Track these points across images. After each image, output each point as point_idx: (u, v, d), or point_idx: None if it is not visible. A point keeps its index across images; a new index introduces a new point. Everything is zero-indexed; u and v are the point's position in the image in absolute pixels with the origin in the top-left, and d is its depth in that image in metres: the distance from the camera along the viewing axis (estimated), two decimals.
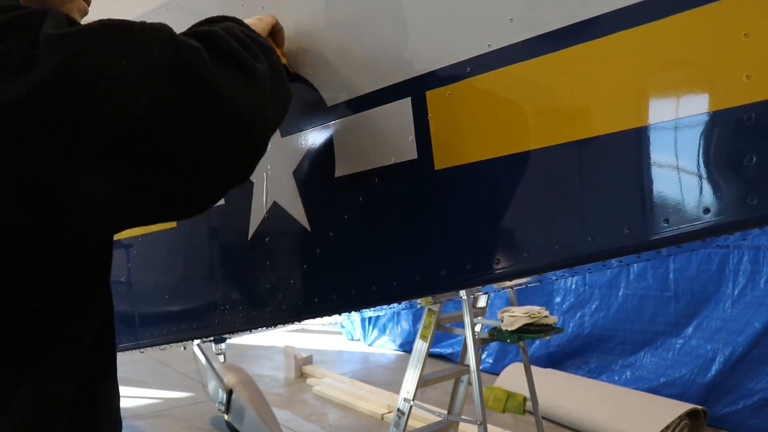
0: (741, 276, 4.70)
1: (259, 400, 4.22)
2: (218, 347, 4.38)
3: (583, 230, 1.05)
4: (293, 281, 1.51)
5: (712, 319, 4.85)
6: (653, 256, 2.66)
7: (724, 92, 0.90)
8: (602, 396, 4.71)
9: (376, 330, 7.97)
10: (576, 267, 1.65)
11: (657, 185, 0.97)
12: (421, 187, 1.25)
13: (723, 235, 1.50)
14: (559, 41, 1.05)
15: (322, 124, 1.40)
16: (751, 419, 4.48)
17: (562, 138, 1.06)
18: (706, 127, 0.92)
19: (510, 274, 1.17)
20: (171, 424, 5.05)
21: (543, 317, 3.29)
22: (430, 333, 3.34)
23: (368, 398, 5.48)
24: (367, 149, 1.33)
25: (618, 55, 0.99)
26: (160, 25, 0.83)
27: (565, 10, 1.04)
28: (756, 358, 4.53)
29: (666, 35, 0.94)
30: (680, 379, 4.90)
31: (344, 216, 1.38)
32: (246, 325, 1.65)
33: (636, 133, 0.98)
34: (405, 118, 1.26)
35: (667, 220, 0.96)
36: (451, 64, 1.19)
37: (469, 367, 3.26)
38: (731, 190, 0.90)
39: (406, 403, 3.30)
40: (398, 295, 1.39)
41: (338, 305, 1.45)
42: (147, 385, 6.00)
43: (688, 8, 0.92)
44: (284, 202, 1.49)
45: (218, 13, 1.69)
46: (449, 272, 1.23)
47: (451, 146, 1.20)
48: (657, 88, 0.97)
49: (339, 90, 1.38)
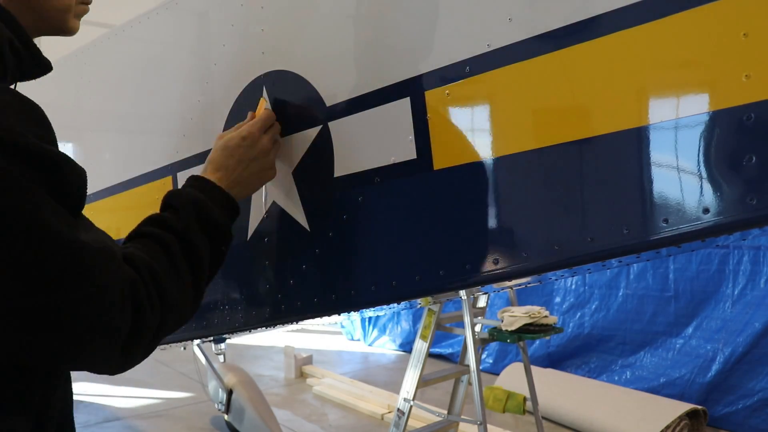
0: (741, 276, 4.70)
1: (259, 400, 4.23)
2: (218, 347, 4.38)
3: (583, 230, 1.05)
4: (293, 281, 1.50)
5: (712, 319, 4.85)
6: (653, 256, 2.66)
7: (723, 92, 0.90)
8: (602, 396, 4.71)
9: (376, 330, 7.97)
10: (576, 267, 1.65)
11: (656, 185, 0.97)
12: (420, 187, 1.25)
13: (723, 235, 1.50)
14: (559, 41, 1.05)
15: (321, 124, 1.40)
16: (751, 419, 4.48)
17: (562, 138, 1.06)
18: (706, 127, 0.92)
19: (510, 274, 1.17)
20: (171, 424, 5.05)
21: (543, 317, 3.29)
22: (430, 333, 3.34)
23: (368, 398, 5.48)
24: (366, 149, 1.33)
25: (617, 54, 0.99)
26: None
27: (565, 10, 1.04)
28: (756, 358, 4.53)
29: (666, 35, 0.94)
30: (680, 379, 4.90)
31: (343, 216, 1.38)
32: (246, 325, 1.65)
33: (635, 133, 0.98)
34: (404, 118, 1.25)
35: (666, 220, 0.95)
36: (450, 64, 1.19)
37: (469, 367, 3.26)
38: (731, 190, 0.90)
39: (406, 403, 3.30)
40: (398, 295, 1.39)
41: (338, 305, 1.45)
42: (147, 385, 6.00)
43: (688, 8, 0.92)
44: (283, 202, 1.49)
45: (218, 12, 1.70)
46: (449, 272, 1.23)
47: (450, 146, 1.20)
48: (656, 88, 0.97)
49: (338, 89, 1.38)
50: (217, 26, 1.71)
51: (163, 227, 1.03)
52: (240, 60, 1.61)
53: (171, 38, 1.91)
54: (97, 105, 2.21)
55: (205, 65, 1.73)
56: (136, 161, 1.96)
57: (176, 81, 1.85)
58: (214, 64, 1.69)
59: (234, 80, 1.60)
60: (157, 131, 1.93)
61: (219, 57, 1.68)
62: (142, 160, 1.93)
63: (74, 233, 0.81)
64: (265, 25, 1.54)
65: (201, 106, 1.73)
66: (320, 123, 1.40)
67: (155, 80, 1.93)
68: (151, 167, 1.88)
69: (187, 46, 1.85)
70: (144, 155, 1.94)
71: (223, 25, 1.67)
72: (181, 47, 1.87)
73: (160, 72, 1.91)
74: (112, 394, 5.70)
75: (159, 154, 1.86)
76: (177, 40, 1.89)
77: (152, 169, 1.88)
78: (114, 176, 2.05)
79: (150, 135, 1.96)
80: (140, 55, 2.02)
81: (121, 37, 2.05)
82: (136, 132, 2.04)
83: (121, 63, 2.08)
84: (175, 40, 1.89)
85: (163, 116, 1.89)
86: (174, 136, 1.82)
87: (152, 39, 1.96)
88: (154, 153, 1.88)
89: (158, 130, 1.93)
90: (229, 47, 1.65)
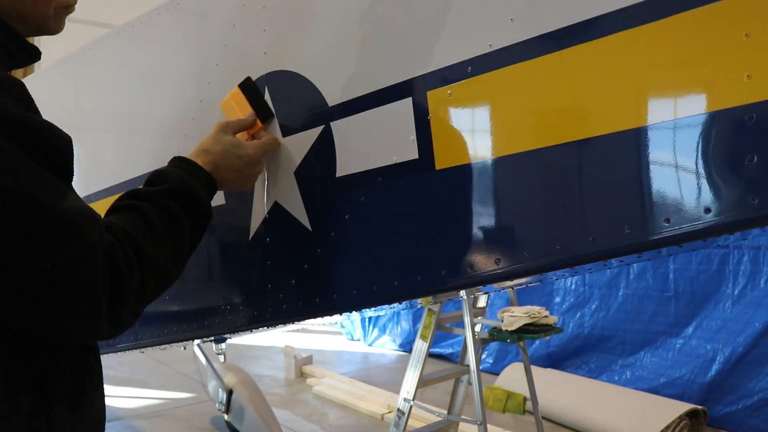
0: (741, 276, 4.70)
1: (259, 400, 4.22)
2: (218, 347, 4.38)
3: (584, 230, 1.05)
4: (294, 281, 1.51)
5: (712, 319, 4.84)
6: (653, 255, 2.66)
7: (724, 92, 0.90)
8: (602, 396, 4.71)
9: (376, 330, 7.96)
10: (577, 267, 1.65)
11: (658, 185, 0.97)
12: (422, 187, 1.25)
13: (724, 234, 1.50)
14: (560, 41, 1.05)
15: (323, 124, 1.40)
16: (751, 419, 4.48)
17: (563, 138, 1.06)
18: (707, 127, 0.92)
19: (511, 273, 1.17)
20: (171, 424, 5.04)
21: (543, 317, 3.29)
22: (430, 333, 3.34)
23: (368, 398, 5.47)
24: (368, 149, 1.33)
25: (619, 55, 0.99)
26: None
27: (566, 10, 1.04)
28: (756, 358, 4.53)
29: (667, 35, 0.94)
30: (680, 379, 4.89)
31: (345, 216, 1.38)
32: (246, 325, 1.65)
33: (637, 133, 0.98)
34: (406, 118, 1.26)
35: (667, 219, 0.96)
36: (452, 64, 1.19)
37: (469, 367, 3.26)
38: (732, 189, 0.91)
39: (406, 403, 3.30)
40: (399, 295, 1.39)
41: (339, 305, 1.45)
42: (147, 385, 5.99)
43: (689, 8, 0.92)
44: (285, 202, 1.49)
45: (217, 12, 1.70)
46: (450, 272, 1.23)
47: (452, 146, 1.20)
48: (658, 88, 0.97)
49: (340, 89, 1.38)
50: (218, 26, 1.71)
51: (138, 197, 1.05)
52: (242, 60, 1.61)
53: (172, 38, 1.91)
54: (98, 105, 2.21)
55: (206, 66, 1.73)
56: (137, 161, 1.96)
57: (177, 81, 1.85)
58: (216, 65, 1.69)
59: (236, 80, 1.60)
60: (158, 131, 1.93)
61: (221, 57, 1.68)
62: (143, 160, 1.93)
63: (57, 198, 0.83)
64: (267, 25, 1.55)
65: (202, 106, 1.73)
66: (322, 123, 1.41)
67: (156, 80, 1.93)
68: (152, 168, 1.88)
69: (188, 46, 1.85)
70: (145, 155, 1.94)
71: (225, 25, 1.67)
72: (182, 47, 1.87)
73: (161, 72, 1.91)
74: (112, 395, 5.69)
75: (160, 155, 1.86)
76: (178, 40, 1.89)
77: (153, 170, 1.88)
78: (114, 176, 2.05)
79: (151, 135, 1.96)
80: (141, 55, 2.02)
81: (121, 37, 2.05)
82: (137, 132, 2.04)
83: (122, 63, 2.08)
84: (176, 41, 1.90)
85: (165, 116, 1.89)
86: (175, 137, 1.82)
87: (153, 39, 1.96)
88: (156, 153, 1.88)
89: (159, 130, 1.93)
90: (230, 47, 1.65)
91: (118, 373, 6.08)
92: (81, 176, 2.16)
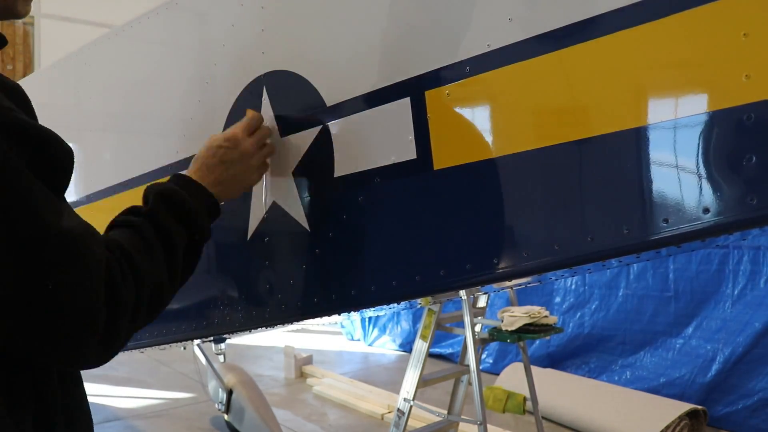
0: (741, 276, 4.70)
1: (259, 400, 4.22)
2: (218, 347, 4.38)
3: (583, 230, 1.05)
4: (293, 281, 1.50)
5: (712, 319, 4.84)
6: (653, 256, 2.66)
7: (723, 92, 0.90)
8: (602, 396, 4.71)
9: (376, 330, 7.96)
10: (576, 267, 1.65)
11: (656, 185, 0.97)
12: (420, 187, 1.25)
13: (723, 235, 1.50)
14: (559, 41, 1.05)
15: (322, 124, 1.40)
16: (751, 419, 4.48)
17: (562, 138, 1.06)
18: (706, 127, 0.92)
19: (510, 274, 1.17)
20: (171, 424, 5.04)
21: (543, 317, 3.29)
22: (430, 333, 3.34)
23: (368, 398, 5.47)
24: (367, 149, 1.33)
25: (617, 54, 0.99)
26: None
27: (565, 10, 1.04)
28: (756, 358, 4.53)
29: (665, 35, 0.94)
30: (680, 379, 4.89)
31: (343, 216, 1.38)
32: (246, 325, 1.65)
33: (635, 133, 0.98)
34: (404, 118, 1.25)
35: (666, 220, 0.95)
36: (451, 64, 1.19)
37: (469, 367, 3.25)
38: (731, 190, 0.90)
39: (406, 403, 3.29)
40: (398, 295, 1.39)
41: (338, 305, 1.45)
42: (147, 385, 5.99)
43: (688, 8, 0.92)
44: (283, 202, 1.49)
45: (216, 12, 1.70)
46: (449, 272, 1.23)
47: (451, 146, 1.20)
48: (656, 88, 0.97)
49: (338, 89, 1.38)
50: (217, 26, 1.71)
51: (133, 214, 1.04)
52: (240, 60, 1.61)
53: (171, 38, 1.91)
54: (98, 105, 2.21)
55: (205, 65, 1.73)
56: (136, 161, 1.96)
57: (176, 81, 1.85)
58: (215, 64, 1.69)
59: (234, 80, 1.60)
60: (157, 131, 1.93)
61: (219, 57, 1.68)
62: (142, 160, 1.93)
63: (57, 215, 0.80)
64: (266, 25, 1.54)
65: (201, 106, 1.73)
66: (320, 123, 1.40)
67: (155, 80, 1.93)
68: (151, 167, 1.88)
69: (187, 46, 1.85)
70: (144, 155, 1.94)
71: (224, 25, 1.67)
72: (181, 47, 1.87)
73: (160, 72, 1.91)
74: (112, 394, 5.70)
75: (159, 155, 1.86)
76: (177, 40, 1.89)
77: (152, 170, 1.88)
78: (114, 176, 2.05)
79: (150, 135, 1.96)
80: (140, 55, 2.02)
81: (121, 37, 2.05)
82: (136, 132, 2.04)
83: (122, 63, 2.08)
84: (175, 40, 1.89)
85: (163, 116, 1.89)
86: (174, 137, 1.82)
87: (152, 39, 1.96)
88: (155, 153, 1.88)
89: (158, 130, 1.93)
90: (229, 47, 1.65)
91: (118, 373, 6.08)
92: (79, 176, 2.16)
